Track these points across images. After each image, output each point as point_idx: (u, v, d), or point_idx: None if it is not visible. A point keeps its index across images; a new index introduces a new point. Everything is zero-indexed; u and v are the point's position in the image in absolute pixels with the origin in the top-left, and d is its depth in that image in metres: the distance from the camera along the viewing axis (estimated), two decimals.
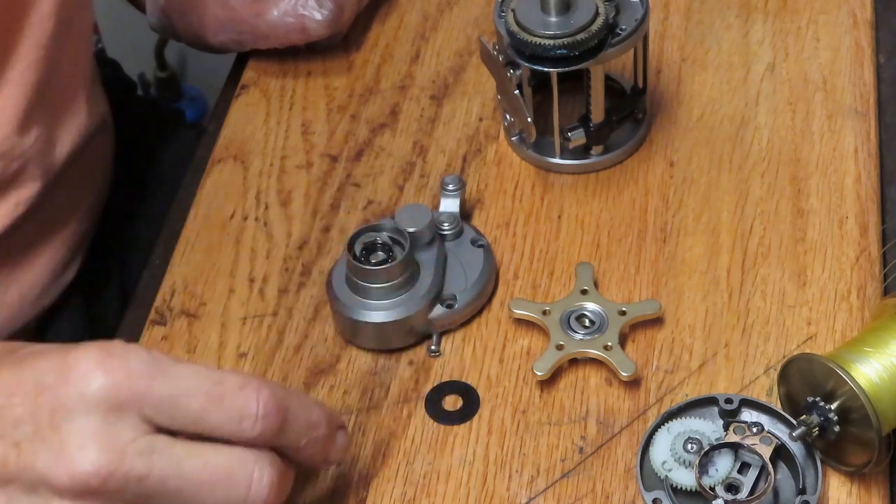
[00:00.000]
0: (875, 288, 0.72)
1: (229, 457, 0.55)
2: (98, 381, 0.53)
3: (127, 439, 0.53)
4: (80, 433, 0.52)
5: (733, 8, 0.88)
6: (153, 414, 0.53)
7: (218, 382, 0.55)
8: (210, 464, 0.54)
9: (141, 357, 0.54)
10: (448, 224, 0.74)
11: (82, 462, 0.52)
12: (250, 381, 0.55)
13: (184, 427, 0.54)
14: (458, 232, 0.74)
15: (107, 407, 0.53)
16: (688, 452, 0.62)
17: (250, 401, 0.55)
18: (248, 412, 0.55)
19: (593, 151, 0.79)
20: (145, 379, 0.53)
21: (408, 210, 0.72)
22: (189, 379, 0.54)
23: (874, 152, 0.78)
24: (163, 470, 0.53)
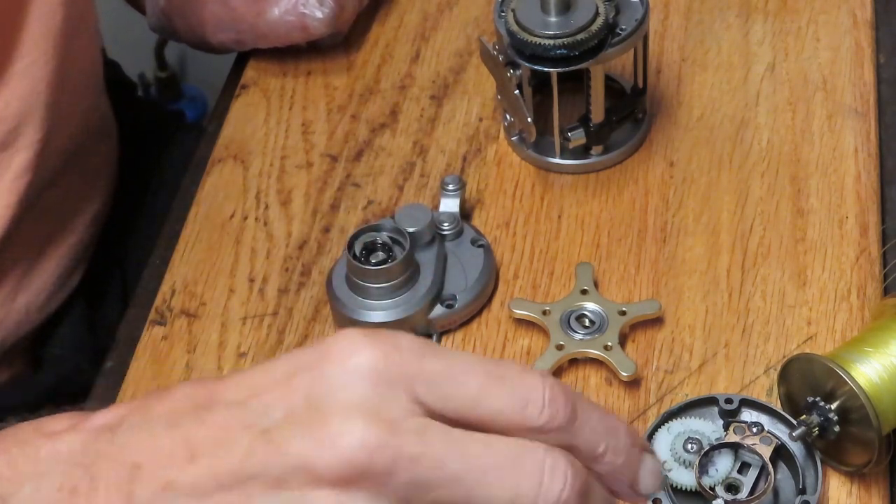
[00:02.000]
0: (875, 288, 0.72)
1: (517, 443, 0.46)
2: (365, 354, 0.46)
3: (399, 413, 0.45)
4: (346, 407, 0.45)
5: (733, 8, 0.88)
6: (425, 392, 0.46)
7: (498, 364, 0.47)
8: (496, 447, 0.46)
9: (409, 336, 0.47)
10: (448, 224, 0.74)
11: (348, 436, 0.44)
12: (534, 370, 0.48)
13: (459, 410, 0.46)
14: (458, 232, 0.74)
15: (375, 380, 0.45)
16: (688, 452, 0.62)
17: (536, 384, 0.47)
18: (535, 396, 0.46)
19: (593, 151, 0.79)
20: (416, 355, 0.46)
21: (408, 210, 0.72)
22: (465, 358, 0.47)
23: (874, 152, 0.78)
24: (440, 451, 0.45)
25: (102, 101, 0.93)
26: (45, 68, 0.78)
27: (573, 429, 0.47)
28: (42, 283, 0.86)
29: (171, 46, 1.78)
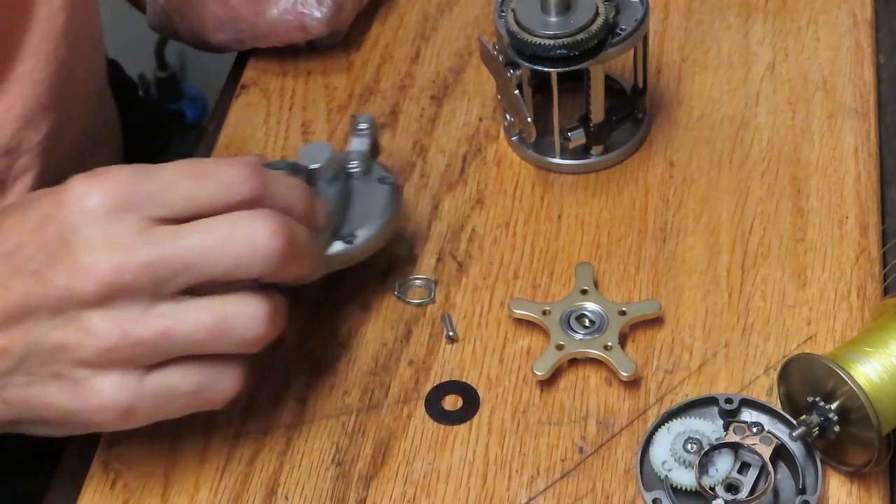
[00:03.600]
0: (875, 288, 0.72)
1: (226, 219, 0.58)
2: (92, 195, 0.57)
3: (131, 235, 0.57)
4: (88, 242, 0.57)
5: (733, 8, 0.88)
6: (148, 209, 0.58)
7: (199, 164, 0.60)
8: (208, 231, 0.58)
9: (124, 167, 0.58)
10: (357, 162, 0.72)
11: (95, 264, 0.56)
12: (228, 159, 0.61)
13: (181, 212, 0.58)
14: (365, 171, 0.72)
15: (105, 214, 0.57)
16: (688, 452, 0.62)
17: (231, 170, 0.59)
18: (232, 179, 0.59)
19: (593, 151, 0.79)
20: (132, 180, 0.58)
21: (310, 148, 0.70)
22: (172, 168, 0.59)
23: (874, 152, 0.78)
24: (167, 250, 0.57)
25: (107, 104, 0.93)
26: (47, 71, 0.78)
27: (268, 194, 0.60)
28: None
29: (171, 46, 1.78)
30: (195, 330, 0.59)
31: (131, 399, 0.58)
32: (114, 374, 0.58)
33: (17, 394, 0.59)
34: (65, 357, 0.58)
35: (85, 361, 0.58)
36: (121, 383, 0.58)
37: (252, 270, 0.59)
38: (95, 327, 0.57)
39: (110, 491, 0.67)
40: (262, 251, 0.59)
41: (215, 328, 0.59)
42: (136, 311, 0.58)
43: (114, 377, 0.58)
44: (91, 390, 0.58)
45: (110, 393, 0.58)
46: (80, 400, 0.58)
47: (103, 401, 0.58)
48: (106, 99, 0.92)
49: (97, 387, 0.58)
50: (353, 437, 0.68)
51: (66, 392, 0.58)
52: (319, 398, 0.70)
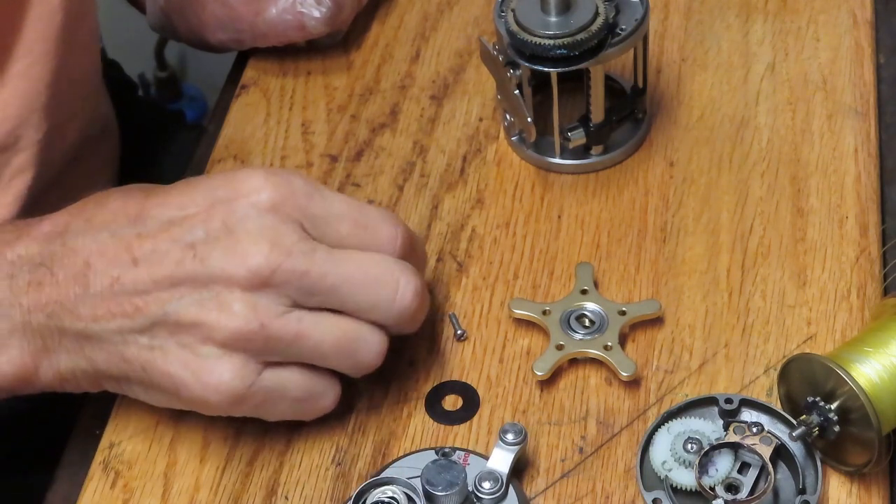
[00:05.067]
0: (875, 288, 0.72)
1: (380, 262, 0.62)
2: (267, 193, 0.61)
3: (292, 240, 0.60)
4: (253, 233, 0.60)
5: (733, 8, 0.88)
6: (309, 227, 0.61)
7: (364, 213, 0.63)
8: (363, 265, 0.62)
9: (302, 179, 0.62)
10: (490, 485, 0.62)
11: (256, 255, 0.59)
12: (390, 215, 0.64)
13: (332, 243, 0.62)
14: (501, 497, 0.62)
15: (274, 214, 0.60)
16: (688, 452, 0.62)
17: (390, 232, 0.63)
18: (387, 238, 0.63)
19: (593, 151, 0.79)
20: (305, 196, 0.62)
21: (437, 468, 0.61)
22: (341, 205, 0.63)
23: (874, 152, 0.78)
24: (322, 267, 0.60)
25: (103, 103, 0.93)
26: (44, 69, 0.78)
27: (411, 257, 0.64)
28: None
29: (171, 46, 1.78)
30: (325, 341, 0.62)
31: (246, 388, 0.61)
32: (237, 359, 0.60)
33: (136, 353, 0.61)
34: (198, 332, 0.60)
35: (216, 340, 0.60)
36: (241, 370, 0.60)
37: (385, 317, 0.63)
38: (238, 311, 0.59)
39: (110, 491, 0.67)
40: (401, 304, 0.62)
41: (343, 345, 0.62)
42: (277, 308, 0.60)
43: (237, 362, 0.60)
44: (212, 369, 0.60)
45: (229, 377, 0.60)
46: (198, 376, 0.60)
47: (220, 382, 0.60)
48: (102, 98, 0.92)
49: (219, 367, 0.60)
50: (353, 437, 0.68)
51: (187, 365, 0.60)
52: None
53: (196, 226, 0.61)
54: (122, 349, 0.61)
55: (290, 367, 0.62)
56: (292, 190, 0.61)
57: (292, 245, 0.60)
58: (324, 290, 0.61)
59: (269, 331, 0.60)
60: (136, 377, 0.62)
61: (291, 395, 0.63)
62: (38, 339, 0.62)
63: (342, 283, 0.61)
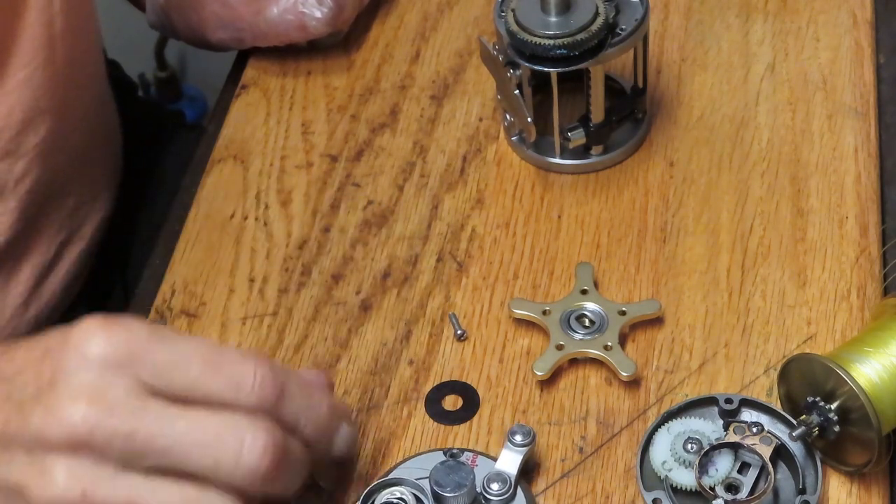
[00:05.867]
0: (875, 288, 0.72)
1: (221, 419, 0.55)
2: (97, 341, 0.55)
3: (119, 396, 0.54)
4: (74, 389, 0.54)
5: (733, 8, 0.88)
6: (150, 377, 0.55)
7: (217, 353, 0.56)
8: (200, 425, 0.55)
9: (143, 325, 0.56)
10: (498, 486, 0.62)
11: (72, 414, 0.53)
12: (249, 354, 0.57)
13: (181, 392, 0.55)
14: (509, 498, 0.62)
15: (103, 365, 0.54)
16: (688, 452, 0.62)
17: (247, 370, 0.56)
18: (245, 381, 0.56)
19: (593, 151, 0.79)
20: (145, 343, 0.55)
21: (445, 469, 0.61)
22: (189, 346, 0.56)
23: (874, 152, 0.78)
24: (151, 428, 0.54)
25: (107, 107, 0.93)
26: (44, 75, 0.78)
27: (279, 407, 0.56)
28: (52, 293, 0.86)
29: (171, 46, 1.78)
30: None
31: None
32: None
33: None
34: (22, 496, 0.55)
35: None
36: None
37: (231, 480, 0.55)
38: (56, 476, 0.54)
39: None
40: (246, 465, 0.55)
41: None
42: (104, 473, 0.54)
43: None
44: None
45: None
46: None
47: None
48: (106, 102, 0.92)
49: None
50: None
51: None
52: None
53: (27, 382, 0.55)
54: None
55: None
56: (128, 336, 0.55)
57: (117, 402, 0.54)
58: (155, 451, 0.54)
59: (94, 499, 0.54)
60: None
61: None
62: None
63: (174, 444, 0.54)
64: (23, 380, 0.56)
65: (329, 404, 0.60)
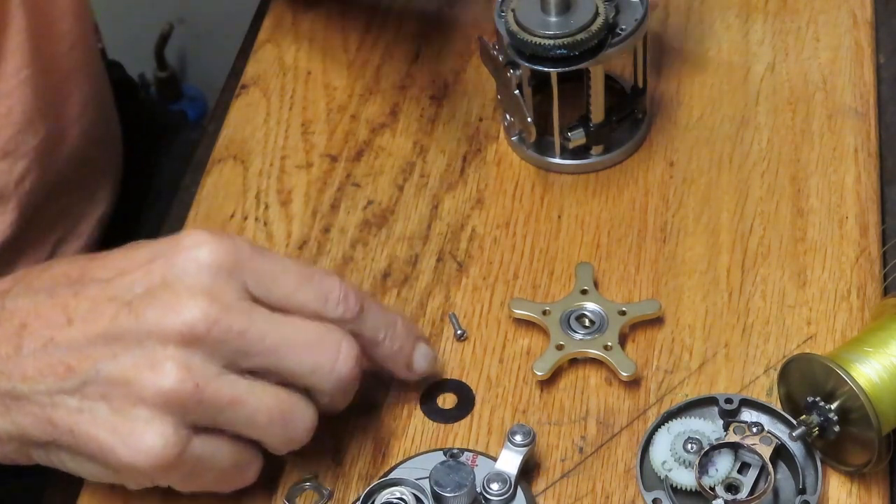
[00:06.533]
0: (875, 288, 0.72)
1: (321, 327, 0.60)
2: (208, 249, 0.58)
3: (232, 298, 0.58)
4: (192, 288, 0.57)
5: (733, 8, 0.88)
6: (253, 285, 0.59)
7: (307, 268, 0.61)
8: (303, 330, 0.59)
9: (243, 239, 0.60)
10: (498, 486, 0.62)
11: (192, 310, 0.57)
12: (333, 273, 0.62)
13: (277, 301, 0.60)
14: (509, 499, 0.62)
15: (215, 270, 0.58)
16: (688, 452, 0.62)
17: (334, 285, 0.61)
18: (332, 294, 0.61)
19: (593, 151, 0.79)
20: (248, 254, 0.59)
21: (445, 469, 0.62)
22: (284, 261, 0.61)
23: (874, 152, 0.78)
24: (261, 329, 0.58)
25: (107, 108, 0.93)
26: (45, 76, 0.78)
27: (361, 321, 0.61)
28: None
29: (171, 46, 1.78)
30: (260, 410, 0.59)
31: (176, 455, 0.57)
32: (168, 423, 0.57)
33: (65, 416, 0.58)
34: (129, 392, 0.57)
35: (147, 401, 0.57)
36: (171, 435, 0.57)
37: (323, 384, 0.60)
38: (171, 369, 0.56)
39: (110, 491, 0.67)
40: (339, 371, 0.60)
41: (277, 416, 0.59)
42: (212, 369, 0.57)
43: (167, 427, 0.57)
44: (141, 433, 0.57)
45: (159, 441, 0.57)
46: (126, 440, 0.57)
47: (149, 447, 0.57)
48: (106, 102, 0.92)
49: (149, 431, 0.57)
50: (353, 437, 0.68)
51: (116, 429, 0.57)
52: None
53: (135, 282, 0.58)
54: (50, 412, 0.58)
55: (219, 436, 0.59)
56: (235, 247, 0.59)
57: (231, 302, 0.58)
58: (262, 350, 0.58)
59: (204, 393, 0.57)
60: (64, 443, 0.59)
61: (219, 466, 0.60)
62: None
63: (281, 345, 0.59)
64: (127, 281, 0.58)
65: (405, 324, 0.64)
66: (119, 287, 0.58)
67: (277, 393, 0.59)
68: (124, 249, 0.61)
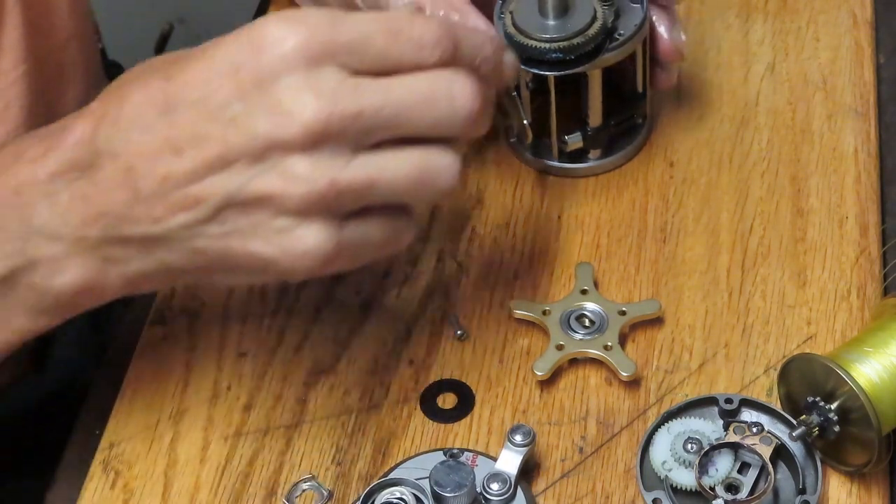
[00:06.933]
0: (875, 288, 0.72)
1: (426, 77, 0.57)
2: (290, 41, 0.55)
3: (332, 84, 0.55)
4: (292, 88, 0.55)
5: (733, 8, 0.88)
6: (345, 59, 0.56)
7: (392, 20, 0.58)
8: (412, 87, 0.57)
9: (319, 13, 0.57)
10: (498, 486, 0.62)
11: (302, 110, 0.55)
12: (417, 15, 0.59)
13: (373, 66, 0.57)
14: (509, 499, 0.62)
15: (304, 60, 0.55)
16: (688, 452, 0.62)
17: (423, 30, 0.58)
18: (424, 39, 0.58)
19: (591, 155, 0.79)
20: (329, 29, 0.56)
21: (445, 469, 0.62)
22: (366, 22, 0.57)
23: (874, 152, 0.78)
24: (373, 102, 0.56)
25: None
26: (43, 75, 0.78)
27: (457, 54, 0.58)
28: None
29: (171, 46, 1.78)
30: (398, 179, 0.58)
31: (333, 248, 0.57)
32: (316, 222, 0.57)
33: (211, 244, 0.58)
34: (268, 206, 0.56)
35: (289, 210, 0.56)
36: (323, 231, 0.57)
37: (451, 130, 0.58)
38: (302, 174, 0.55)
39: (110, 491, 0.67)
40: (460, 112, 0.58)
41: (417, 177, 0.58)
42: (341, 159, 0.56)
43: (317, 225, 0.57)
44: (295, 239, 0.57)
45: (314, 242, 0.57)
46: (283, 249, 0.57)
47: (308, 248, 0.57)
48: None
49: (301, 235, 0.57)
50: (353, 437, 0.68)
51: (269, 241, 0.57)
52: (319, 398, 0.70)
53: (229, 98, 0.56)
54: (193, 244, 0.58)
55: (368, 215, 0.59)
56: (313, 28, 0.56)
57: (336, 88, 0.56)
58: (381, 124, 0.57)
59: (340, 185, 0.56)
60: (216, 267, 0.59)
61: (376, 241, 0.59)
62: (98, 253, 0.59)
63: (397, 111, 0.57)
64: (219, 98, 0.56)
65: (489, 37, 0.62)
66: (213, 105, 0.56)
67: (410, 155, 0.58)
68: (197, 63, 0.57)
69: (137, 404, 0.70)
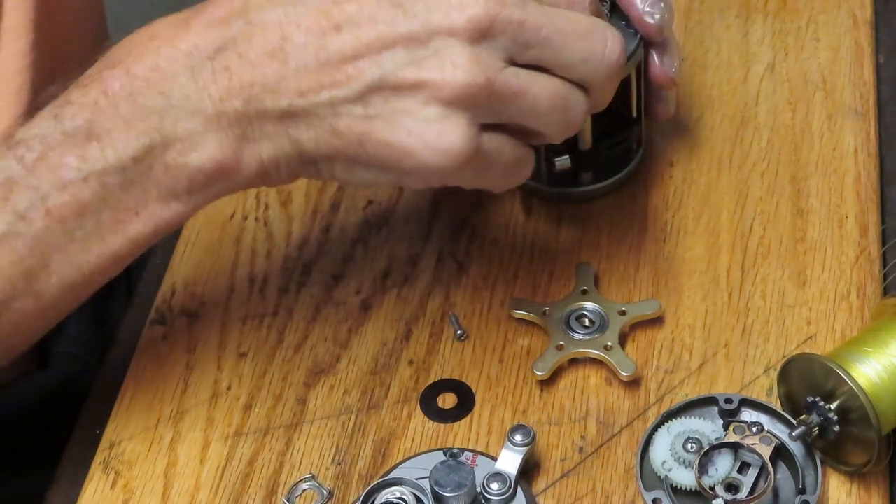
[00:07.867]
0: (875, 288, 0.72)
1: (588, 18, 0.60)
2: None
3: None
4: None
5: (733, 8, 0.88)
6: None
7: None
8: (575, 20, 0.60)
9: None
10: (498, 486, 0.62)
11: (473, 4, 0.56)
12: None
13: None
14: (508, 498, 0.62)
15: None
16: (688, 452, 0.62)
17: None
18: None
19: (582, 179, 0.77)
20: None
21: (445, 469, 0.62)
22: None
23: (874, 152, 0.78)
24: (537, 18, 0.58)
25: None
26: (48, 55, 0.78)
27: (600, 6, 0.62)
28: None
29: None
30: (542, 97, 0.59)
31: (473, 149, 0.58)
32: (463, 119, 0.57)
33: (351, 125, 0.58)
34: (420, 93, 0.57)
35: (442, 99, 0.57)
36: (468, 129, 0.57)
37: (594, 73, 0.60)
38: (463, 64, 0.56)
39: (110, 491, 0.67)
40: (609, 59, 0.60)
41: (557, 103, 0.60)
42: (499, 63, 0.57)
43: (463, 122, 0.57)
44: (440, 131, 0.57)
45: (459, 138, 0.57)
46: (425, 141, 0.57)
47: (450, 145, 0.57)
48: None
49: (446, 129, 0.57)
50: (353, 437, 0.68)
51: (412, 131, 0.57)
52: (319, 398, 0.70)
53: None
54: (333, 122, 0.58)
55: (502, 131, 0.60)
56: None
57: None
58: (539, 41, 0.58)
59: (495, 85, 0.57)
60: (348, 153, 0.59)
61: (504, 161, 0.60)
62: (237, 129, 0.58)
63: (556, 35, 0.59)
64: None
65: None
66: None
67: (554, 82, 0.60)
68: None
69: (137, 404, 0.70)
